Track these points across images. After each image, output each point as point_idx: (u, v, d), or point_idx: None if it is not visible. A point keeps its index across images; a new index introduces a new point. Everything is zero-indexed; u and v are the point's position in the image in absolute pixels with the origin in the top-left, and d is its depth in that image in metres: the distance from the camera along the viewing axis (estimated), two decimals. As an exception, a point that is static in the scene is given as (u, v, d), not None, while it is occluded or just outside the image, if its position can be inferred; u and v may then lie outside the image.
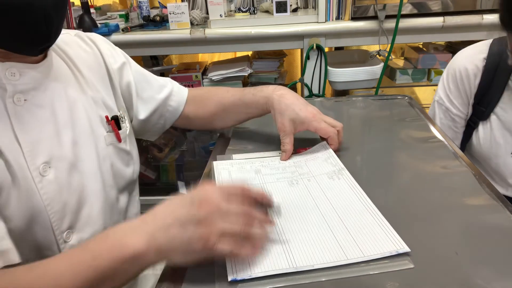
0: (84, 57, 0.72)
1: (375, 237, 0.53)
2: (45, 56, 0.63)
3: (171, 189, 1.80)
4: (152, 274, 0.83)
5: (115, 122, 0.73)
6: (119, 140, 0.73)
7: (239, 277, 0.48)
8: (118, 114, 0.75)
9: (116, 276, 0.47)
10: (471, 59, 0.97)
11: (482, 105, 0.97)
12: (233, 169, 0.73)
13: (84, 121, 0.67)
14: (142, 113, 0.82)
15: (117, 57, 0.78)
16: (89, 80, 0.71)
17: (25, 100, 0.59)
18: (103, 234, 0.49)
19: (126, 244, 0.46)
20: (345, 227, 0.56)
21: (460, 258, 0.50)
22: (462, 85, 0.99)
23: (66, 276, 0.46)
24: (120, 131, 0.73)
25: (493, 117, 0.95)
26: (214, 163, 0.76)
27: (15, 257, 0.51)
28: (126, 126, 0.76)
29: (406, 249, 0.50)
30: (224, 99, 0.86)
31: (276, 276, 0.48)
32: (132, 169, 0.78)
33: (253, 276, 0.48)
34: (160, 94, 0.84)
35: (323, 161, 0.74)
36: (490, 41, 0.98)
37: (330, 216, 0.59)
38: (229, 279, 0.48)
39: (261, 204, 0.54)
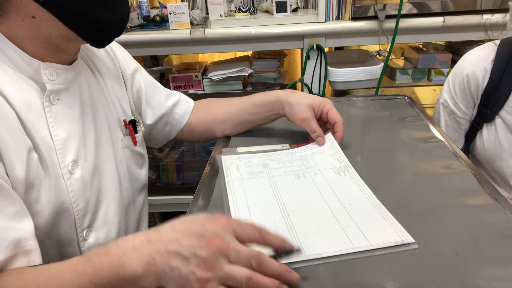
0: (103, 61, 0.75)
1: (380, 228, 0.55)
2: (75, 58, 0.66)
3: (171, 189, 1.80)
4: None
5: (132, 126, 0.76)
6: (135, 143, 0.76)
7: None
8: (133, 117, 0.78)
9: None
10: (480, 62, 0.96)
11: (488, 107, 0.96)
12: (241, 164, 0.75)
13: (105, 124, 0.70)
14: (150, 118, 0.84)
15: (130, 63, 0.82)
16: (108, 84, 0.74)
17: (58, 99, 0.62)
18: (106, 248, 0.47)
19: (126, 264, 0.45)
20: (351, 218, 0.57)
21: (460, 258, 0.50)
22: (469, 89, 0.98)
23: (69, 286, 0.46)
24: (136, 135, 0.76)
25: (498, 119, 0.95)
26: (223, 157, 0.77)
27: (37, 259, 0.52)
28: (141, 129, 0.79)
29: (410, 239, 0.52)
30: (231, 101, 0.89)
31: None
32: (145, 171, 0.81)
33: None
34: (168, 101, 0.87)
35: (329, 156, 0.75)
36: (497, 42, 0.97)
37: (337, 208, 0.60)
38: None
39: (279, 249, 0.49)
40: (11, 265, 0.49)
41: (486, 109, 0.96)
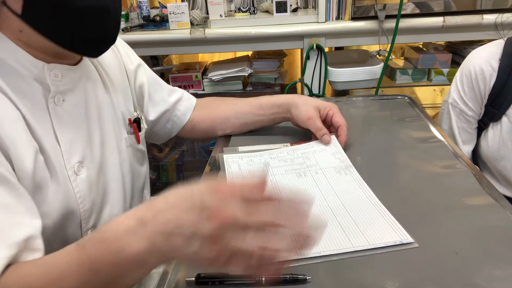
0: (107, 59, 0.74)
1: (380, 228, 0.55)
2: (81, 59, 0.65)
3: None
4: (156, 272, 0.84)
5: (136, 125, 0.75)
6: (138, 141, 0.76)
7: None
8: (137, 114, 0.77)
9: (121, 279, 0.43)
10: (487, 60, 0.95)
11: (495, 106, 0.95)
12: (242, 162, 0.75)
13: (110, 123, 0.69)
14: (152, 114, 0.84)
15: (133, 58, 0.81)
16: (113, 81, 0.73)
17: (63, 100, 0.61)
18: (99, 233, 0.44)
19: (124, 248, 0.41)
20: (350, 218, 0.58)
21: (460, 258, 0.50)
22: (477, 86, 0.97)
23: (67, 276, 0.43)
24: (139, 133, 0.76)
25: (504, 119, 0.94)
26: (224, 156, 0.77)
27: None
28: (144, 127, 0.79)
29: (410, 239, 0.52)
30: (237, 100, 0.89)
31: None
32: (145, 167, 0.80)
33: None
34: (171, 97, 0.86)
35: (331, 155, 0.75)
36: (503, 41, 0.96)
37: (336, 207, 0.60)
38: None
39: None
40: (18, 260, 0.47)
41: (493, 109, 0.95)
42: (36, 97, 0.58)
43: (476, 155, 1.06)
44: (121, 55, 0.78)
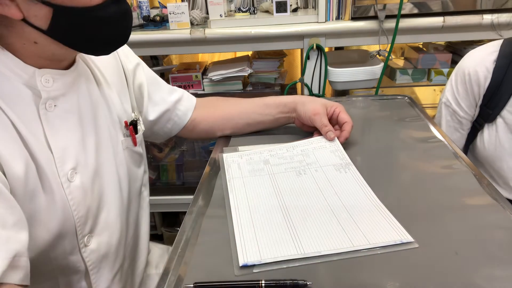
0: (104, 59, 0.73)
1: (379, 227, 0.55)
2: (73, 62, 0.65)
3: (171, 189, 1.81)
4: (156, 273, 0.84)
5: (133, 127, 0.74)
6: (135, 144, 0.75)
7: (249, 262, 0.50)
8: (134, 116, 0.76)
9: None
10: (482, 61, 0.95)
11: (489, 107, 0.96)
12: (242, 161, 0.75)
13: (105, 126, 0.68)
14: (152, 114, 0.83)
15: (131, 58, 0.80)
16: (109, 82, 0.72)
17: (55, 106, 0.59)
18: None
19: None
20: (350, 217, 0.58)
21: (460, 258, 0.50)
22: (471, 88, 0.97)
23: None
24: (136, 135, 0.75)
25: (499, 120, 0.94)
26: (224, 155, 0.78)
27: (27, 278, 0.48)
28: (141, 129, 0.78)
29: (410, 239, 0.52)
30: (241, 100, 0.89)
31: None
32: (143, 169, 0.80)
33: (263, 262, 0.50)
34: (171, 97, 0.86)
35: (331, 152, 0.75)
36: (500, 42, 0.96)
37: (336, 205, 0.61)
38: (240, 264, 0.50)
39: None
40: (5, 278, 0.45)
41: (488, 109, 0.96)
42: (26, 103, 0.56)
43: (469, 156, 1.06)
44: (119, 55, 0.77)
